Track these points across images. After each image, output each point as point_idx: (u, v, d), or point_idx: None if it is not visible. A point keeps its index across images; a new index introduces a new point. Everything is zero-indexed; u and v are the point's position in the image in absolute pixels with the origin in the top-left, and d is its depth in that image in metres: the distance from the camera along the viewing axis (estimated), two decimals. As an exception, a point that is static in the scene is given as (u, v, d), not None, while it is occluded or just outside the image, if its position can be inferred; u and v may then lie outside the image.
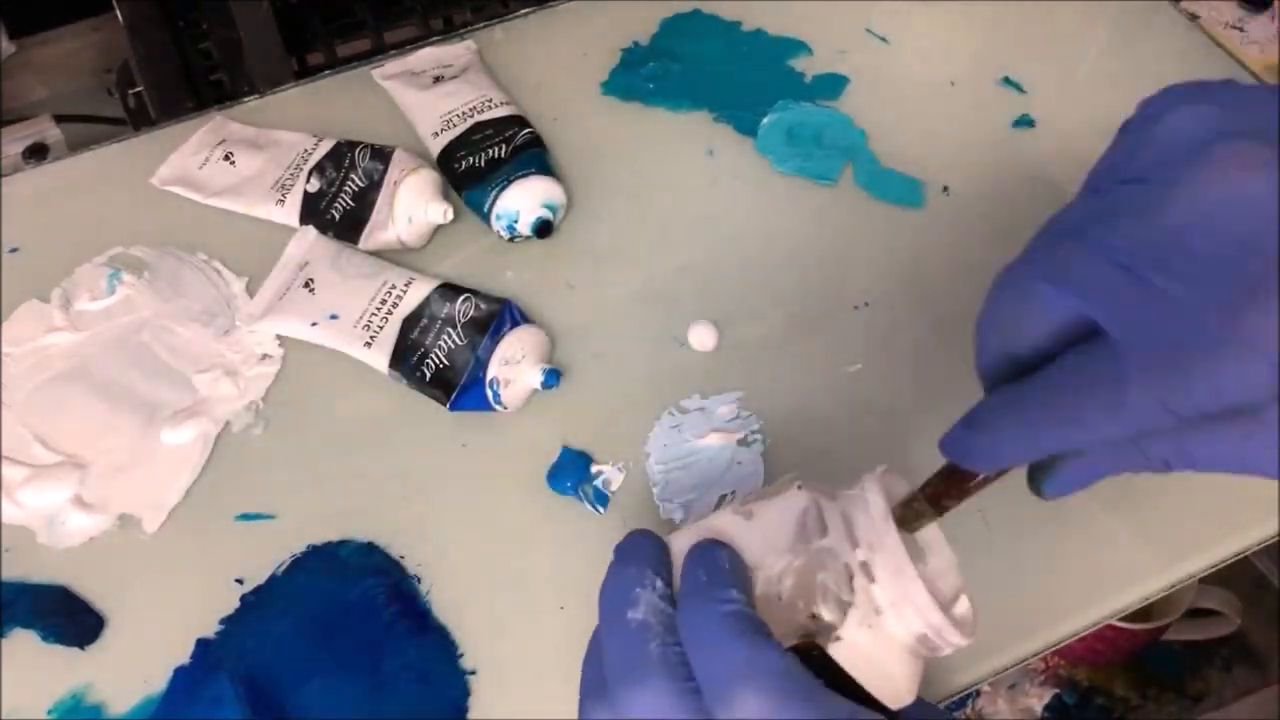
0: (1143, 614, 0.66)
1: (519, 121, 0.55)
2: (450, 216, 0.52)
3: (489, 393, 0.46)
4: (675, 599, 0.31)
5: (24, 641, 0.41)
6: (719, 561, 0.31)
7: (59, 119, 0.68)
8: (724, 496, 0.45)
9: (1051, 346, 0.27)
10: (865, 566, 0.30)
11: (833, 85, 0.60)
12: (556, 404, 0.48)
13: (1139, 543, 0.44)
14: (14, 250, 0.53)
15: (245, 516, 0.45)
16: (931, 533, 0.33)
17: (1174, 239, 0.25)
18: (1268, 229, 0.23)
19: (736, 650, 0.28)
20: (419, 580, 0.43)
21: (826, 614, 0.30)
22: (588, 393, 0.48)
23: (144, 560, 0.44)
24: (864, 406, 0.48)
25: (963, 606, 0.32)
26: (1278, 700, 0.79)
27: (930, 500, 0.32)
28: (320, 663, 0.41)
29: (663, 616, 0.31)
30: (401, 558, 0.44)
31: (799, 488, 0.33)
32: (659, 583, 0.31)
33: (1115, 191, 0.27)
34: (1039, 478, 0.32)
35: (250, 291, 0.51)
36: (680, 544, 0.33)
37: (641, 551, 0.33)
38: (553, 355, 0.49)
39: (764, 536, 0.32)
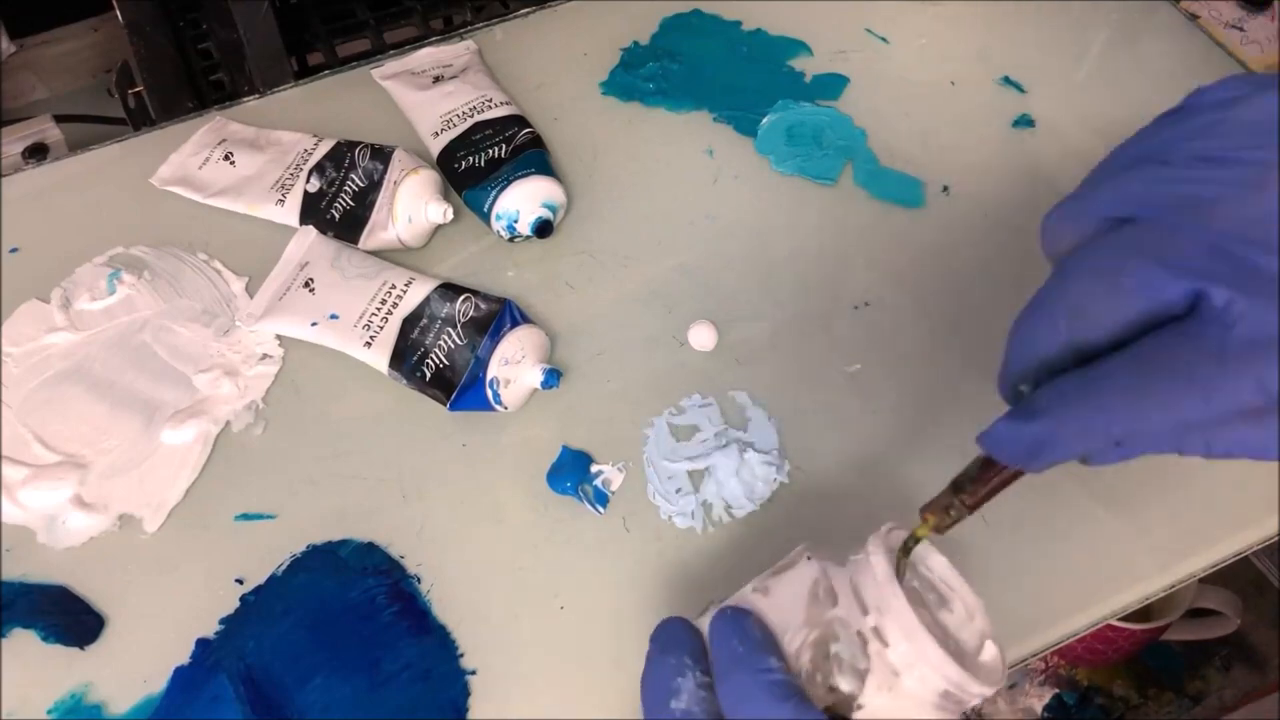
0: (1143, 614, 0.66)
1: (519, 121, 0.55)
2: (450, 216, 0.52)
3: (489, 393, 0.46)
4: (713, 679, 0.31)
5: (24, 641, 0.41)
6: (751, 631, 0.31)
7: (59, 119, 0.68)
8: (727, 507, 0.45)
9: (1127, 332, 0.27)
10: (877, 631, 0.30)
11: (833, 85, 0.60)
12: (556, 404, 0.48)
13: (1139, 543, 0.44)
14: (14, 250, 0.53)
15: (245, 516, 0.45)
16: (953, 577, 0.33)
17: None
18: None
19: (785, 717, 0.29)
20: (419, 580, 0.43)
21: (845, 685, 0.30)
22: (588, 393, 0.48)
23: (144, 560, 0.44)
24: (864, 407, 0.48)
25: (989, 653, 0.32)
26: (1278, 700, 0.79)
27: (965, 501, 0.32)
28: (320, 662, 0.41)
29: (705, 704, 0.31)
30: (401, 558, 0.44)
31: (808, 559, 0.33)
32: (698, 672, 0.32)
33: (1198, 169, 0.27)
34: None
35: (250, 291, 0.51)
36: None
37: (678, 639, 0.33)
38: (553, 355, 0.49)
39: (780, 612, 0.32)
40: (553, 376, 0.46)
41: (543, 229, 0.52)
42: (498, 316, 0.47)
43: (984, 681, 0.30)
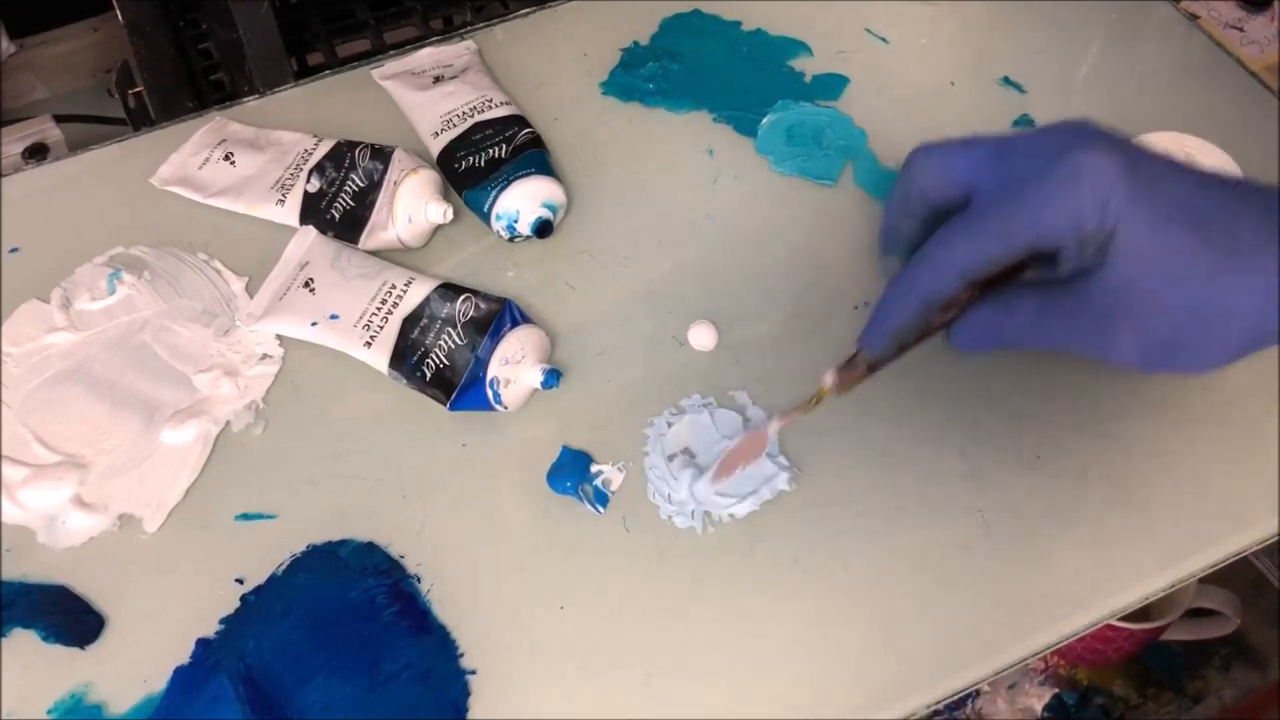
0: (1143, 614, 0.66)
1: (519, 121, 0.55)
2: (450, 216, 0.52)
3: (489, 393, 0.46)
4: None
5: (24, 641, 0.41)
6: None
7: (59, 119, 0.68)
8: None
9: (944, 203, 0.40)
10: None
11: (833, 85, 0.60)
12: (556, 404, 0.48)
13: (1139, 543, 0.44)
14: (14, 250, 0.53)
15: (245, 516, 0.45)
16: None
17: (1021, 142, 0.39)
18: (1079, 142, 0.37)
19: None
20: (419, 580, 0.43)
21: None
22: (588, 393, 0.48)
23: (144, 560, 0.44)
24: (865, 406, 0.48)
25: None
26: (1277, 700, 0.79)
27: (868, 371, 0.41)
28: (320, 662, 0.41)
29: None
30: (401, 557, 0.44)
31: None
32: None
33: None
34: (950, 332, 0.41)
35: (250, 291, 0.51)
36: None
37: None
38: (553, 355, 0.49)
39: None
40: (553, 376, 0.46)
41: (543, 229, 0.52)
42: (498, 316, 0.47)
43: None
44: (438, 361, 0.46)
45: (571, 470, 0.45)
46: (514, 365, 0.46)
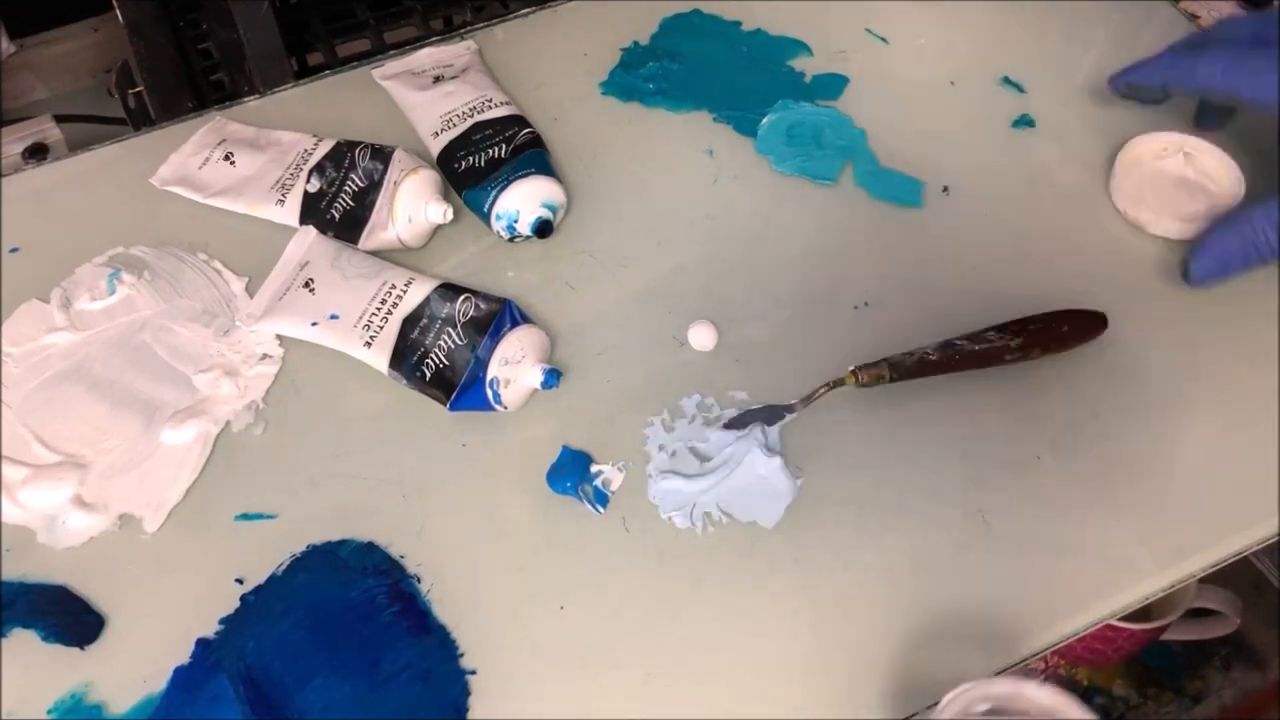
0: (1143, 614, 0.65)
1: (519, 121, 0.55)
2: (450, 216, 0.52)
3: (489, 393, 0.46)
4: None
5: (24, 641, 0.41)
6: None
7: (59, 119, 0.68)
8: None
9: None
10: None
11: (833, 85, 0.60)
12: (556, 404, 0.48)
13: (1139, 543, 0.44)
14: (14, 250, 0.53)
15: (245, 516, 0.45)
16: None
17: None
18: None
19: None
20: (419, 580, 0.43)
21: None
22: (588, 393, 0.48)
23: (144, 560, 0.44)
24: (865, 407, 0.48)
25: None
26: (1277, 700, 0.79)
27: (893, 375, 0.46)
28: (320, 662, 0.41)
29: None
30: (401, 557, 0.44)
31: None
32: None
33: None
34: (1187, 265, 0.50)
35: (250, 291, 0.51)
36: None
37: None
38: (553, 355, 0.49)
39: None
40: (553, 376, 0.46)
41: (543, 229, 0.52)
42: (498, 316, 0.47)
43: None
44: (438, 361, 0.46)
45: (571, 470, 0.45)
46: (514, 365, 0.46)
